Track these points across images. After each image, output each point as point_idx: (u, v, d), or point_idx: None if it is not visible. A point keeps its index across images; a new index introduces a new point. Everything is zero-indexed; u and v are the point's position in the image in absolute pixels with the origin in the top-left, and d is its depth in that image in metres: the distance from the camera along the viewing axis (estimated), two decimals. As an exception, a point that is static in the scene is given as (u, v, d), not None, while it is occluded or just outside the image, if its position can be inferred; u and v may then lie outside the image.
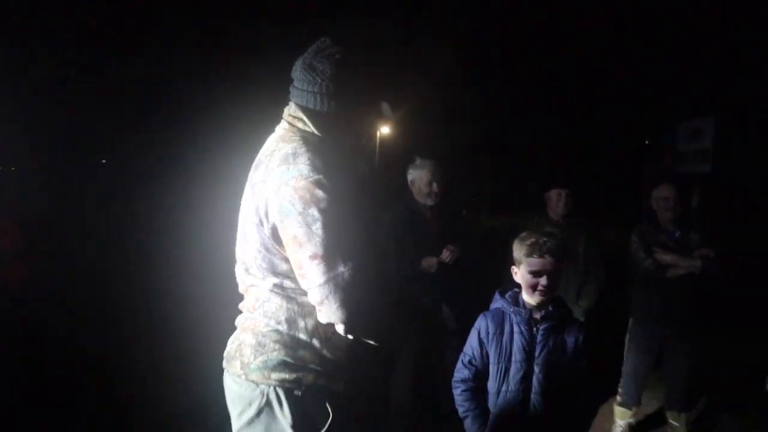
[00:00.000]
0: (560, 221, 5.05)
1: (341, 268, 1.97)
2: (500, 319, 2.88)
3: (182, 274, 8.00)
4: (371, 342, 2.13)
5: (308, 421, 2.11)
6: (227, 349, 2.28)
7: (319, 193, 1.99)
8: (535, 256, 2.81)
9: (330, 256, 1.97)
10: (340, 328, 2.03)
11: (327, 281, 1.97)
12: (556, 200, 5.09)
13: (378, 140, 29.43)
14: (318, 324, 2.11)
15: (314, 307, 2.06)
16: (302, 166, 2.03)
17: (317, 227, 1.97)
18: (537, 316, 2.86)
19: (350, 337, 2.07)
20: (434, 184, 4.67)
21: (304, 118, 2.22)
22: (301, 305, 2.12)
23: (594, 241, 5.13)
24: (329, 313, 2.00)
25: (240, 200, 2.28)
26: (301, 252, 1.99)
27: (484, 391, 2.87)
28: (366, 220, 2.21)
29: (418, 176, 4.73)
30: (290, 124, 2.24)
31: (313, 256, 1.97)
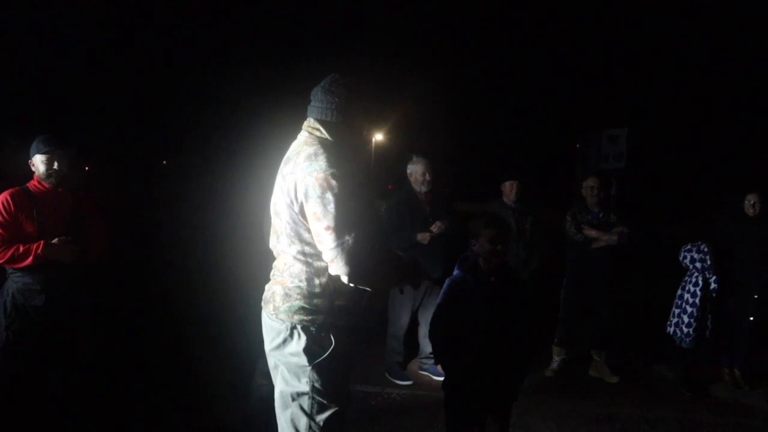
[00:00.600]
0: (512, 205, 5.03)
1: (346, 237, 2.13)
2: (464, 282, 2.86)
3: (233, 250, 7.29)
4: (367, 288, 2.29)
5: (316, 347, 2.28)
6: (264, 295, 2.44)
7: (333, 182, 2.13)
8: (493, 228, 2.83)
9: (339, 228, 2.13)
10: (344, 279, 2.19)
11: (336, 246, 2.13)
12: (510, 189, 5.06)
13: (374, 145, 29.53)
14: (328, 281, 2.26)
15: (326, 269, 2.24)
16: (321, 163, 2.17)
17: (331, 207, 2.12)
18: (492, 279, 2.86)
19: (351, 285, 2.22)
20: (427, 175, 4.66)
21: (321, 128, 2.34)
22: (317, 268, 2.26)
23: (538, 221, 5.11)
24: (338, 268, 2.17)
25: (271, 191, 2.42)
26: (318, 224, 2.15)
27: (454, 337, 2.85)
28: (366, 201, 2.34)
29: (415, 169, 4.71)
30: (309, 133, 2.36)
31: (327, 228, 2.14)
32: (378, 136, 29.63)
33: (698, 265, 4.71)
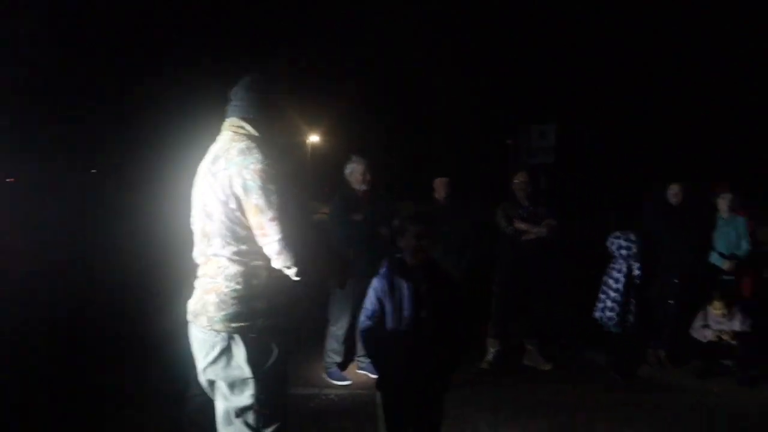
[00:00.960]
0: (444, 202, 5.09)
1: (291, 228, 2.10)
2: (391, 279, 2.86)
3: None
4: (311, 282, 2.24)
5: (258, 356, 2.16)
6: (192, 307, 2.26)
7: (273, 173, 2.11)
8: (417, 224, 2.84)
9: (283, 218, 2.09)
10: (291, 271, 2.13)
11: (283, 237, 2.08)
12: (440, 186, 5.12)
13: (309, 147, 29.38)
14: (266, 281, 2.17)
15: (263, 268, 2.15)
16: (257, 155, 2.13)
17: (274, 198, 2.09)
18: (418, 275, 2.86)
19: (296, 278, 2.16)
20: (367, 174, 4.67)
21: (245, 125, 2.28)
22: (254, 268, 2.16)
23: (470, 216, 5.18)
24: (286, 259, 2.11)
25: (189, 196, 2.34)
26: (262, 216, 2.09)
27: (383, 334, 2.85)
28: (297, 197, 2.28)
29: (355, 168, 4.71)
30: (234, 132, 2.28)
31: (272, 218, 2.08)
32: (314, 138, 29.50)
33: (624, 252, 4.87)
